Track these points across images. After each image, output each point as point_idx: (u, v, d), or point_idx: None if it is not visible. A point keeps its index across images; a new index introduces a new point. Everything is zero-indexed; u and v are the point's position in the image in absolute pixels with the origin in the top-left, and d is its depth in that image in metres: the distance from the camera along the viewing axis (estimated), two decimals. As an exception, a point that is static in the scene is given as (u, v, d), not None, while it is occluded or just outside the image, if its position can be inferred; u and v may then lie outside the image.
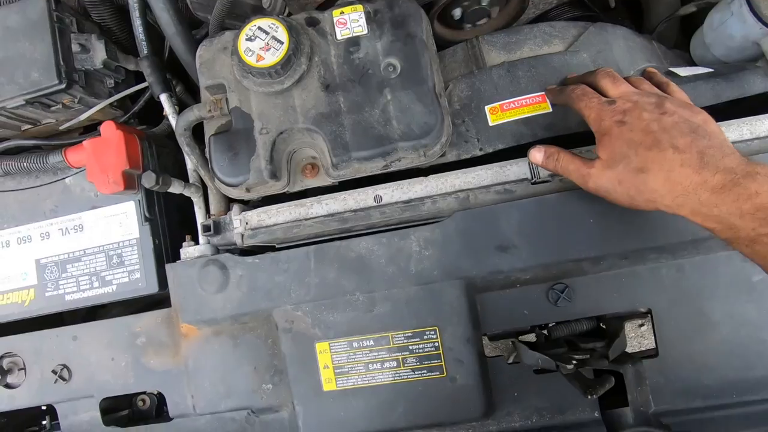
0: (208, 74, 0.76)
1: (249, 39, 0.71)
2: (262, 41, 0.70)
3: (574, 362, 0.67)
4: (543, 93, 0.76)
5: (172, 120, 0.87)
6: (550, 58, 0.79)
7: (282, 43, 0.70)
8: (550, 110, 0.75)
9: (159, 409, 0.93)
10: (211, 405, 0.79)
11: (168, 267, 0.79)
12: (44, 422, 1.00)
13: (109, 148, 0.82)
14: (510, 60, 0.81)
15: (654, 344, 0.73)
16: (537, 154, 0.68)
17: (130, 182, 0.82)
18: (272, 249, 0.80)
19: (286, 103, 0.74)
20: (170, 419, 0.83)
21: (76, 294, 0.85)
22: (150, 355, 0.82)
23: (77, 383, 0.84)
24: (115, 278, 0.84)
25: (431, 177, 0.76)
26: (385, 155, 0.72)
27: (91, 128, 0.96)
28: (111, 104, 0.89)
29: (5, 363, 0.86)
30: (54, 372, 0.83)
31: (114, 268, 0.84)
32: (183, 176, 0.89)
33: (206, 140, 0.77)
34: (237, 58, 0.71)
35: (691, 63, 0.92)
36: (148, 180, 0.74)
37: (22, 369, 0.86)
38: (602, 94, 0.64)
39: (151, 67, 0.87)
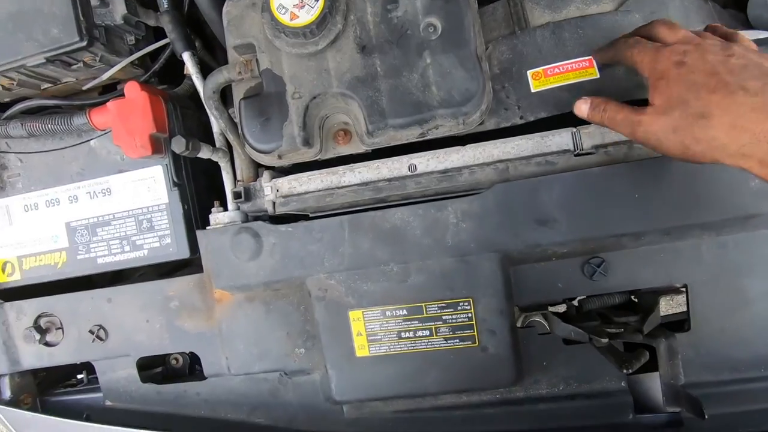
0: (236, 33, 0.72)
1: (281, -5, 0.66)
2: (296, -3, 0.66)
3: (608, 336, 0.67)
4: (590, 57, 0.72)
5: (196, 80, 0.84)
6: (599, 18, 0.74)
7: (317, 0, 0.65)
8: (598, 76, 0.71)
9: (191, 367, 0.97)
10: (245, 366, 0.82)
11: (199, 234, 0.79)
12: (80, 376, 1.05)
13: (135, 110, 0.79)
14: (555, 20, 0.76)
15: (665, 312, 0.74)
16: (583, 106, 0.63)
17: (157, 146, 0.80)
18: (304, 217, 0.79)
19: (319, 65, 0.70)
20: (204, 378, 0.86)
21: (107, 257, 0.85)
22: (184, 318, 0.83)
23: (114, 343, 0.86)
24: (146, 243, 0.84)
25: (468, 146, 0.73)
26: (423, 123, 0.69)
27: (110, 87, 0.93)
28: (132, 63, 0.85)
29: (43, 322, 0.88)
30: (91, 332, 0.85)
31: (144, 232, 0.84)
32: (207, 139, 0.87)
33: (236, 104, 0.75)
34: (269, 16, 0.67)
35: (747, 24, 0.86)
36: (178, 145, 0.72)
37: (59, 328, 0.88)
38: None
39: (172, 22, 0.83)
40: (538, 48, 0.74)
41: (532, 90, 0.73)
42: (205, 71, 0.85)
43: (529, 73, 0.74)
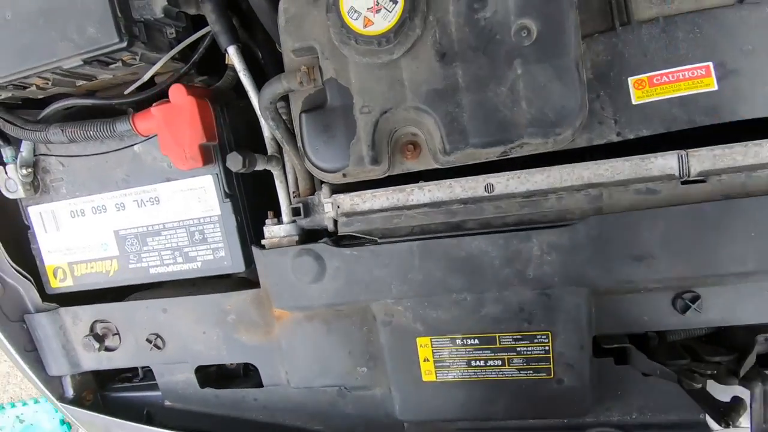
0: (295, 34, 0.63)
1: (353, -5, 0.56)
2: (371, -1, 0.56)
3: (700, 375, 0.63)
4: (708, 64, 0.61)
5: (244, 77, 0.76)
6: (720, 13, 0.62)
7: (395, 2, 0.56)
8: (716, 88, 0.61)
9: (245, 369, 0.97)
10: (306, 381, 0.81)
11: (257, 253, 0.75)
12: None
13: (181, 117, 0.72)
14: (665, 14, 0.64)
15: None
16: None
17: (207, 156, 0.74)
18: (363, 238, 0.74)
19: (392, 75, 0.61)
20: (261, 385, 0.86)
21: (160, 268, 0.82)
22: (241, 332, 0.82)
23: (171, 351, 0.85)
24: (199, 255, 0.80)
25: (555, 167, 0.65)
26: (508, 143, 0.61)
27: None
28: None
29: (99, 328, 0.88)
30: (149, 341, 0.85)
31: (197, 244, 0.80)
32: (253, 135, 0.79)
33: (294, 116, 0.67)
34: (338, 21, 0.57)
35: None
36: (235, 163, 0.66)
37: (116, 334, 0.88)
38: None
39: (215, 11, 0.73)
40: (643, 49, 0.64)
41: (634, 102, 0.64)
42: (245, 56, 0.77)
43: (631, 80, 0.64)
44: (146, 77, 0.74)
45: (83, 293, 0.88)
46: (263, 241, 0.77)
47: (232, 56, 0.75)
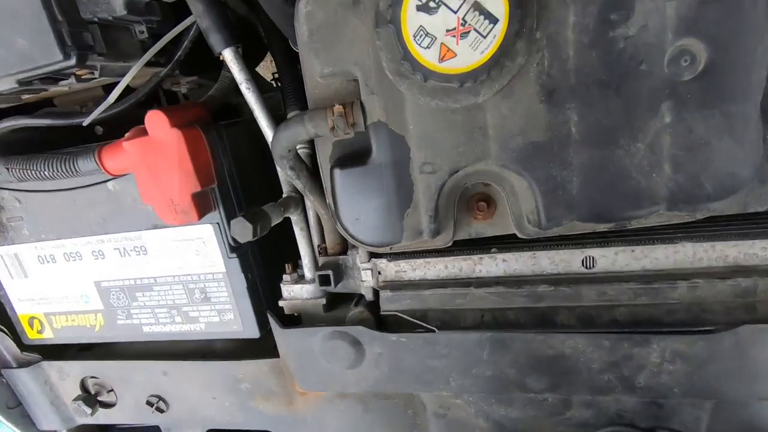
0: (325, 53, 0.42)
1: (423, 8, 0.34)
2: (453, 14, 0.34)
3: None
4: None
5: (246, 90, 0.55)
6: None
7: (495, 20, 0.34)
8: None
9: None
10: (337, 457, 0.69)
11: (276, 330, 0.59)
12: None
13: (166, 157, 0.53)
14: None
15: None
16: None
17: (204, 206, 0.56)
18: (414, 322, 0.57)
19: (471, 121, 0.41)
20: (284, 445, 0.75)
21: (155, 326, 0.67)
22: (258, 400, 0.68)
23: (177, 414, 0.73)
24: (202, 315, 0.65)
25: (687, 242, 0.47)
26: (632, 218, 0.43)
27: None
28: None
29: (91, 386, 0.75)
30: (150, 404, 0.72)
31: (198, 303, 0.64)
32: (261, 153, 0.60)
33: (324, 167, 0.48)
34: (397, 48, 0.36)
35: None
36: (244, 233, 0.48)
37: (110, 390, 0.75)
38: None
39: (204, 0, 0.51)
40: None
41: (818, 153, 0.44)
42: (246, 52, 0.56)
43: (818, 121, 0.44)
44: (111, 98, 0.53)
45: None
46: (281, 303, 0.61)
47: (230, 62, 0.54)
